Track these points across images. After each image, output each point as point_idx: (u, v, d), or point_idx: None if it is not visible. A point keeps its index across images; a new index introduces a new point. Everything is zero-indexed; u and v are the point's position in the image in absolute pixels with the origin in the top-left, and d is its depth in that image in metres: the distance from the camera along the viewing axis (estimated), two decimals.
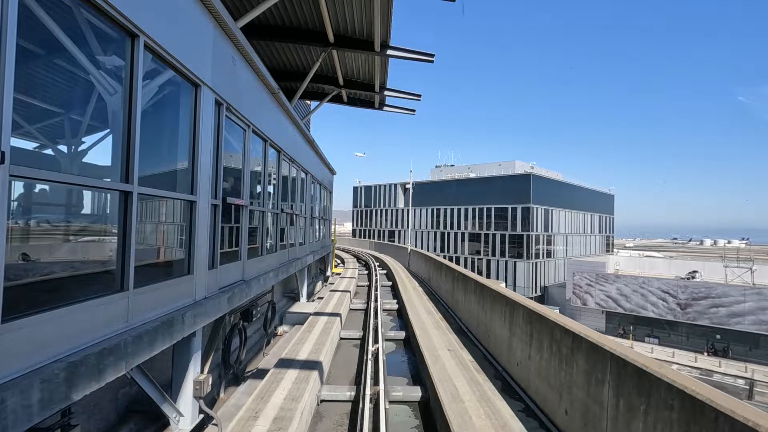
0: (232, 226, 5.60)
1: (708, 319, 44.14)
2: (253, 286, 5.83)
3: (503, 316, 7.25)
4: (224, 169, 5.09)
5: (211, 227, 4.57)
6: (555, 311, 5.82)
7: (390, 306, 12.27)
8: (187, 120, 4.03)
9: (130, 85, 2.96)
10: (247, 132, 5.74)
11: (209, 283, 4.42)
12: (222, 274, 4.86)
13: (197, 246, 4.06)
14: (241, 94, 5.37)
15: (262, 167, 6.76)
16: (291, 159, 8.90)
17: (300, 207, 10.43)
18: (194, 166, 4.01)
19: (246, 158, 5.73)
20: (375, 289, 13.67)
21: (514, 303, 6.75)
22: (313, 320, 8.63)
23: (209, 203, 4.34)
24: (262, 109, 6.45)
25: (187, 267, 3.99)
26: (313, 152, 12.60)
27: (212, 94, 4.34)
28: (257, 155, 6.58)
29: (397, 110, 16.91)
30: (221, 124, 4.71)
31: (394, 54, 11.32)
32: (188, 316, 3.72)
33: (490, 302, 8.14)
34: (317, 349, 6.57)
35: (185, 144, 4.03)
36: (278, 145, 7.54)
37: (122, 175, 2.95)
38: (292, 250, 9.33)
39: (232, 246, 5.63)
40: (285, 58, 13.18)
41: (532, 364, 5.82)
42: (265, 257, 6.92)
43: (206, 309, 4.18)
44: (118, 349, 2.69)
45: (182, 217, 4.02)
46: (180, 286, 3.78)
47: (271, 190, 7.71)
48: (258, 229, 6.74)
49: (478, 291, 9.11)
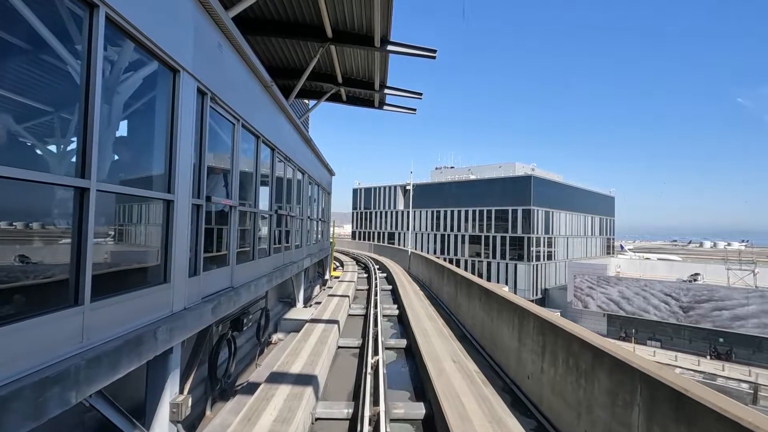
0: (219, 228, 5.16)
1: (711, 322, 43.69)
2: (242, 293, 5.38)
3: (511, 324, 6.79)
4: (210, 166, 4.64)
5: (192, 230, 4.12)
6: (571, 322, 5.37)
7: (390, 311, 11.81)
8: (163, 109, 3.59)
9: (87, 63, 2.52)
10: (237, 127, 5.30)
11: (190, 292, 3.96)
12: (206, 282, 4.40)
13: (175, 251, 3.61)
14: (230, 85, 4.93)
15: (254, 166, 6.31)
16: (286, 158, 8.45)
17: (296, 208, 9.99)
18: (171, 162, 3.56)
19: (235, 155, 5.29)
20: (375, 294, 13.20)
21: (524, 311, 6.29)
22: (310, 328, 8.16)
23: (190, 203, 3.89)
24: (254, 103, 6.02)
25: (163, 275, 3.54)
26: (310, 152, 12.16)
27: (194, 81, 3.90)
28: (249, 153, 6.13)
29: (398, 109, 16.47)
30: (205, 115, 4.26)
31: (395, 50, 10.89)
32: (162, 331, 3.27)
33: (496, 309, 7.69)
34: (313, 360, 6.10)
35: (161, 136, 3.58)
36: (272, 143, 7.10)
37: (78, 169, 2.50)
38: (287, 254, 8.88)
39: (219, 250, 5.18)
40: (282, 55, 12.75)
41: (545, 378, 5.36)
42: (258, 262, 6.46)
43: (186, 321, 3.72)
44: (66, 376, 2.23)
45: (157, 218, 3.57)
46: (153, 296, 3.33)
47: (264, 190, 7.26)
48: (249, 231, 6.29)
49: (483, 297, 8.65)
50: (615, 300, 50.22)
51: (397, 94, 14.29)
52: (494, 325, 7.74)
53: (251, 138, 6.14)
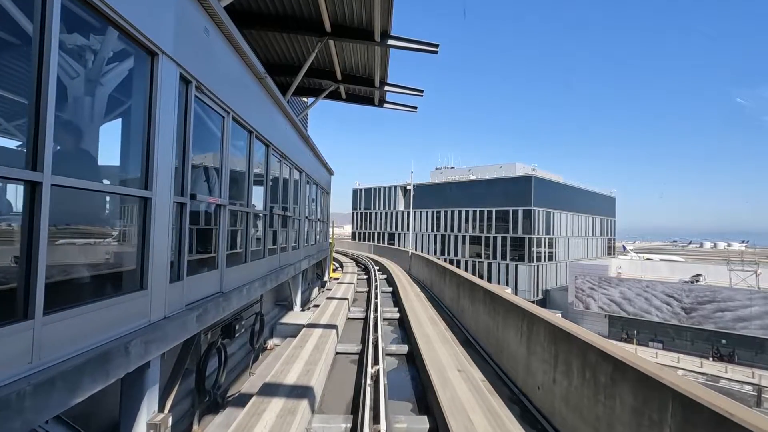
0: (207, 229, 4.79)
1: (713, 323, 43.33)
2: (233, 298, 5.01)
3: (519, 330, 6.42)
4: (196, 161, 4.28)
5: (174, 230, 3.76)
6: (586, 330, 5.00)
7: (391, 315, 11.44)
8: (140, 96, 3.22)
9: (40, 41, 2.16)
10: (227, 120, 4.93)
11: (172, 299, 3.60)
12: (191, 287, 4.04)
13: (153, 254, 3.24)
14: (219, 75, 4.57)
15: (246, 162, 5.95)
16: (282, 155, 8.09)
17: (293, 208, 9.62)
18: (149, 155, 3.20)
19: (225, 150, 4.92)
20: (375, 297, 12.83)
21: (533, 317, 5.92)
22: (307, 333, 7.79)
23: (171, 201, 3.52)
24: (247, 95, 5.65)
25: (139, 280, 3.17)
26: (309, 150, 11.79)
27: (175, 67, 3.54)
28: (241, 148, 5.77)
29: (398, 107, 16.12)
30: (190, 106, 3.90)
31: (396, 44, 10.53)
32: (136, 345, 2.90)
33: (502, 314, 7.32)
34: (309, 369, 5.73)
35: (138, 126, 3.21)
36: (267, 139, 6.73)
37: (28, 160, 2.14)
38: (284, 255, 8.51)
39: (208, 252, 4.81)
40: (279, 50, 12.40)
41: (557, 389, 5.00)
42: (251, 264, 6.10)
43: (166, 332, 3.35)
44: (6, 405, 1.87)
45: (133, 217, 3.21)
46: (127, 305, 2.96)
47: (258, 188, 6.90)
48: (242, 232, 5.93)
49: (487, 300, 8.29)
50: (617, 301, 49.86)
51: (397, 91, 13.93)
52: (500, 330, 7.38)
53: (243, 133, 5.77)
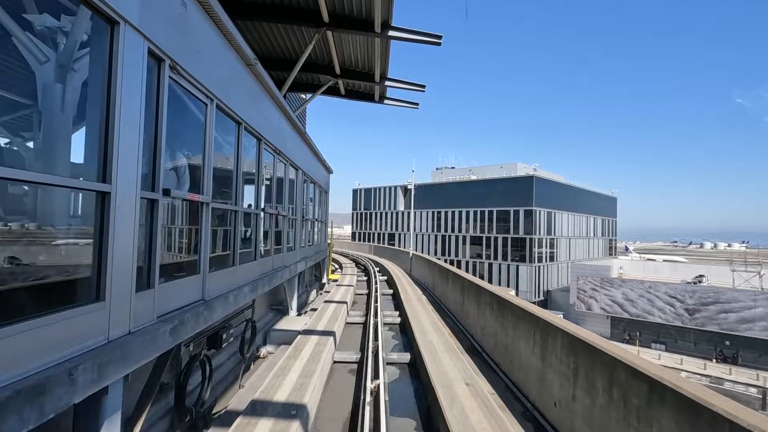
0: (186, 229, 4.29)
1: (717, 324, 42.79)
2: (217, 307, 4.49)
3: (532, 339, 5.91)
4: (172, 153, 3.77)
5: (144, 231, 3.25)
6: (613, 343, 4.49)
7: (392, 319, 10.93)
8: (98, 73, 2.72)
9: None
10: (210, 108, 4.42)
11: (139, 310, 3.09)
12: (165, 296, 3.53)
13: (113, 259, 2.73)
14: (199, 55, 4.06)
15: (234, 157, 5.44)
16: (276, 150, 7.58)
17: (289, 207, 9.11)
18: (107, 142, 2.69)
19: (208, 142, 4.41)
20: (375, 300, 12.32)
21: (548, 325, 5.41)
22: (302, 340, 7.28)
23: (138, 196, 3.01)
24: (234, 82, 5.14)
25: (95, 290, 2.67)
26: (306, 146, 11.28)
27: (142, 40, 3.03)
28: (228, 141, 5.26)
29: (399, 104, 15.61)
30: (163, 88, 3.39)
31: (397, 35, 10.03)
32: (87, 369, 2.39)
33: (512, 320, 6.81)
34: (302, 383, 5.22)
35: (95, 108, 2.71)
36: (258, 132, 6.22)
37: None
38: (278, 258, 8.00)
39: (187, 255, 4.31)
40: (275, 43, 11.88)
41: (578, 407, 4.49)
42: (239, 268, 5.58)
43: (129, 350, 2.84)
44: None
45: (88, 215, 2.70)
46: (76, 321, 2.46)
47: (250, 185, 6.39)
48: (230, 232, 5.42)
49: (495, 305, 7.78)
50: (619, 302, 49.33)
51: (398, 86, 13.42)
52: (509, 338, 6.87)
53: (231, 124, 5.26)
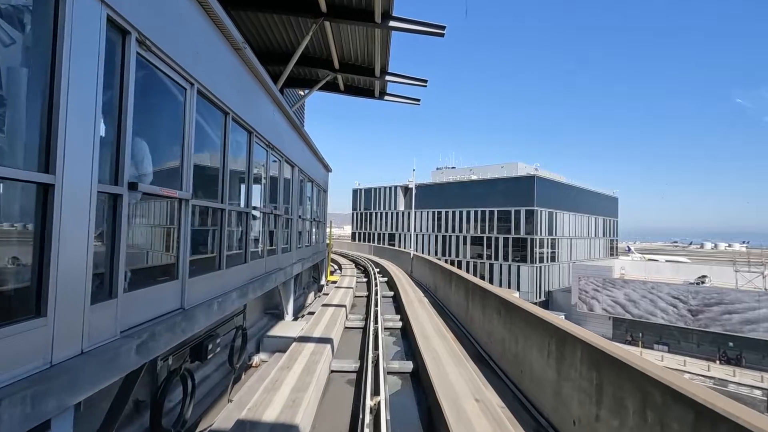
0: (162, 229, 3.81)
1: (720, 326, 42.33)
2: (198, 316, 4.01)
3: (546, 349, 5.43)
4: (141, 142, 3.29)
5: (105, 231, 2.78)
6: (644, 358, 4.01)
7: (392, 323, 10.45)
8: (41, 42, 2.24)
9: None
10: (190, 93, 3.94)
11: (96, 325, 2.61)
12: (132, 306, 3.05)
13: (60, 264, 2.25)
14: (176, 33, 3.58)
15: (221, 149, 4.96)
16: (270, 145, 7.10)
17: (284, 206, 8.63)
18: (51, 123, 2.21)
19: (188, 132, 3.93)
20: (375, 303, 11.83)
21: (565, 335, 4.92)
22: (297, 349, 6.80)
23: (94, 190, 2.53)
24: (219, 67, 4.66)
25: (35, 304, 2.19)
26: (302, 142, 10.80)
27: (99, 5, 2.55)
28: (213, 132, 4.78)
29: (400, 100, 15.13)
30: (128, 65, 2.91)
31: (398, 26, 9.55)
32: (13, 404, 1.91)
33: (521, 327, 6.33)
34: (296, 398, 4.74)
35: (36, 84, 2.23)
36: (249, 124, 5.74)
37: None
38: (272, 259, 7.51)
39: (162, 259, 3.83)
40: (270, 35, 11.41)
41: (602, 429, 4.01)
42: (227, 272, 5.10)
43: (80, 375, 2.36)
44: None
45: (28, 212, 2.23)
46: (5, 344, 1.98)
47: (240, 182, 5.92)
48: (216, 233, 4.94)
49: (503, 311, 7.29)
50: (621, 303, 48.87)
51: (399, 81, 12.93)
52: (519, 347, 6.38)
53: (216, 113, 4.78)
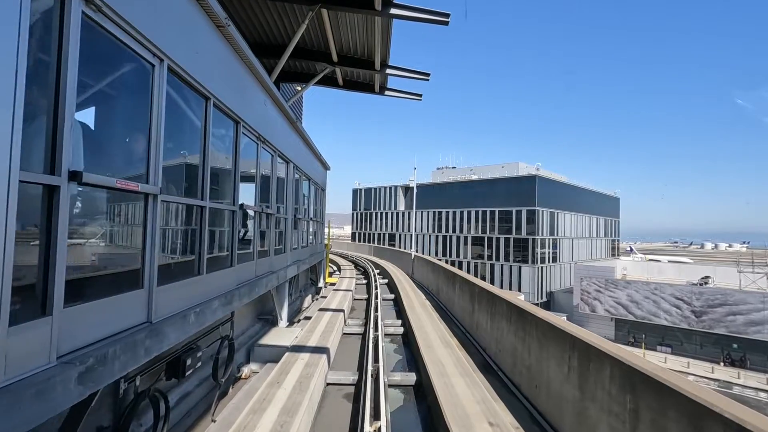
0: (123, 229, 3.23)
1: (725, 327, 41.75)
2: (168, 331, 3.43)
3: (565, 363, 4.85)
4: (90, 123, 2.72)
5: (37, 232, 2.20)
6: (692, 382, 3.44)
7: (393, 329, 9.87)
8: None
9: None
10: (158, 71, 3.36)
11: (20, 351, 2.03)
12: (75, 324, 2.47)
13: None
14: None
15: (201, 139, 4.38)
16: (260, 138, 6.52)
17: (277, 205, 8.05)
18: None
19: (156, 116, 3.35)
20: (375, 307, 11.25)
21: (588, 348, 4.34)
22: (289, 360, 6.22)
23: (13, 180, 1.96)
24: (198, 45, 4.08)
25: None
26: (299, 138, 10.23)
27: None
28: (190, 119, 4.20)
29: (401, 95, 14.54)
30: (69, 26, 2.34)
31: (400, 13, 8.96)
32: None
33: (537, 338, 5.75)
34: (285, 422, 4.16)
35: None
36: (235, 113, 5.16)
37: None
38: (263, 262, 6.93)
39: (126, 264, 3.25)
40: (265, 26, 10.82)
41: None
42: (207, 277, 4.52)
43: None
44: None
45: None
46: None
47: (225, 178, 5.34)
48: (196, 234, 4.37)
49: (513, 318, 6.72)
50: (624, 304, 48.29)
51: (400, 74, 12.36)
52: (533, 358, 5.80)
53: (195, 97, 4.20)
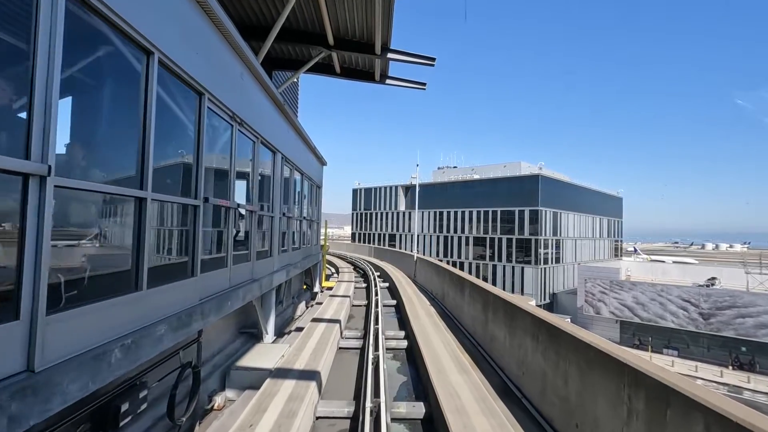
0: None
1: (734, 330, 40.65)
2: (64, 381, 2.29)
3: (623, 404, 3.71)
4: None
5: None
6: None
7: (396, 342, 8.73)
8: None
9: None
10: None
11: None
12: None
13: None
14: None
15: (141, 111, 3.27)
16: (235, 117, 5.39)
17: (260, 203, 6.93)
18: None
19: (42, 65, 2.26)
20: (374, 317, 10.11)
21: (659, 388, 3.20)
22: (271, 389, 5.09)
23: None
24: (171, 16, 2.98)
25: None
26: (290, 128, 9.11)
27: None
28: (117, 77, 3.10)
29: (404, 84, 13.40)
30: None
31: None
32: None
33: (576, 363, 4.60)
34: None
35: None
36: (195, 80, 4.05)
37: None
38: (240, 269, 5.81)
39: None
40: (253, 5, 9.73)
41: None
42: (149, 294, 3.40)
43: None
44: None
45: None
46: None
47: (184, 164, 4.23)
48: (134, 234, 3.26)
49: (542, 336, 5.56)
50: (629, 306, 47.19)
51: (403, 59, 11.23)
52: (571, 389, 4.66)
53: (130, 50, 3.10)
